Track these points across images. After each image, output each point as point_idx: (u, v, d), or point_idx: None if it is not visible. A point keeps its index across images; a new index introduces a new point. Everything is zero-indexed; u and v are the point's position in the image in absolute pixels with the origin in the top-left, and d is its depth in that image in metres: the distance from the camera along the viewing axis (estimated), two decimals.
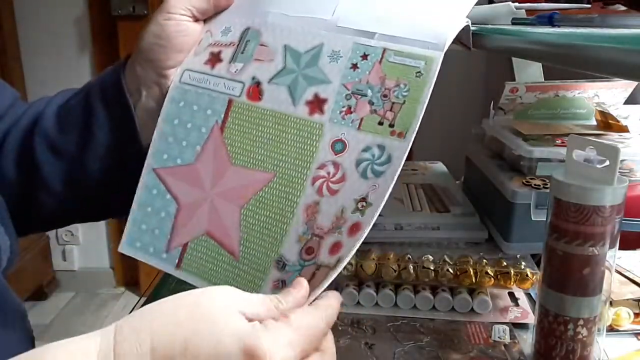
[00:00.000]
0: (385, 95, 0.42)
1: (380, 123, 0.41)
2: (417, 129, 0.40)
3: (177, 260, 0.47)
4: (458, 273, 0.64)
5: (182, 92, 0.49)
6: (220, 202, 0.46)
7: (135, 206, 0.49)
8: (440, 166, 1.00)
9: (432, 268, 0.65)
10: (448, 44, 0.42)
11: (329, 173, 0.42)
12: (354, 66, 0.44)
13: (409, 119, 0.40)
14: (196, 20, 0.50)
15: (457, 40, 0.48)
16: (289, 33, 0.47)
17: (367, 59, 0.43)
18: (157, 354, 0.32)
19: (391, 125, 0.41)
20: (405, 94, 0.41)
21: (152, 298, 0.64)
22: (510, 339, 0.60)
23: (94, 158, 0.51)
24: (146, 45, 0.49)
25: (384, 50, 0.43)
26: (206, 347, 0.32)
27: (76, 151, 0.51)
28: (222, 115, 0.47)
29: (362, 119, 0.42)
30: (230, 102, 0.47)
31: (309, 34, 0.46)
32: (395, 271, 0.65)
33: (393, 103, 0.41)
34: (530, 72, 0.99)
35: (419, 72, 0.41)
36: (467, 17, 0.45)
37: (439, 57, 0.41)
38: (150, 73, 0.50)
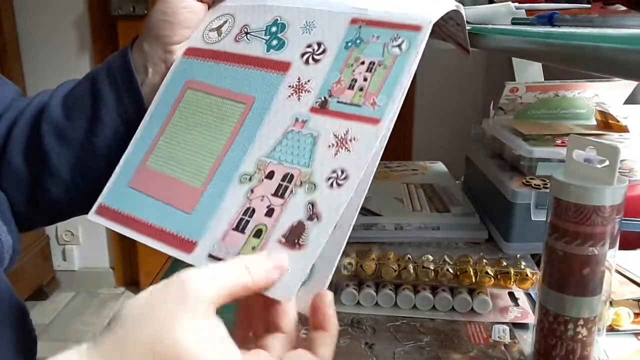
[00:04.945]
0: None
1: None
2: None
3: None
4: (458, 273, 0.64)
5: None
6: None
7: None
8: (440, 166, 1.00)
9: (432, 268, 0.65)
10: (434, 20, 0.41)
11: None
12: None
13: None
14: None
15: (456, 42, 0.48)
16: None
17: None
18: None
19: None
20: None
21: None
22: (510, 339, 0.60)
23: (102, 142, 0.52)
24: (153, 22, 0.51)
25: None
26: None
27: (84, 137, 0.52)
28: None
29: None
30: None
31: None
32: (395, 271, 0.65)
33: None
34: (530, 72, 0.99)
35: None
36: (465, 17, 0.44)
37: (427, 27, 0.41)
38: (157, 49, 0.51)
